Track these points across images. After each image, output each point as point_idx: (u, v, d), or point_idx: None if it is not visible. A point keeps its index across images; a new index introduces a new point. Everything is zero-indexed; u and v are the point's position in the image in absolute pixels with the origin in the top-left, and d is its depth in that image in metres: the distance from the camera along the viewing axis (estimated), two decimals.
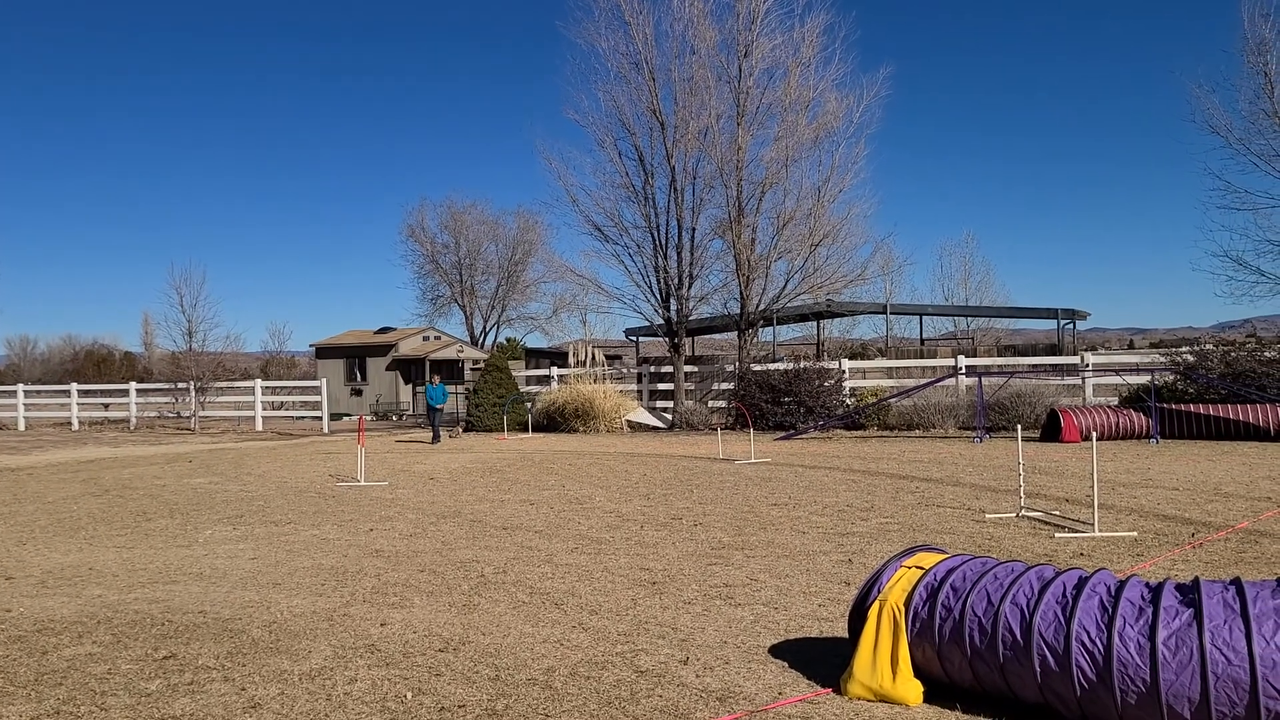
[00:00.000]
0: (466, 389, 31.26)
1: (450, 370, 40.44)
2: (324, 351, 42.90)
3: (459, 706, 4.31)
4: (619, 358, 40.83)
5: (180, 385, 31.41)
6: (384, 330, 43.72)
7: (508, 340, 54.71)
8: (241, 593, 6.72)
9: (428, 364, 40.09)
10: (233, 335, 49.09)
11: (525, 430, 25.49)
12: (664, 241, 25.67)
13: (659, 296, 26.17)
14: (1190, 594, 3.86)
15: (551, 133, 52.32)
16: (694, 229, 25.47)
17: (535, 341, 53.33)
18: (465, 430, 26.55)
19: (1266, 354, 19.54)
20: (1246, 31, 20.37)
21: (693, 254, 25.58)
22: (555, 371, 29.72)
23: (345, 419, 35.55)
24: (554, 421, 25.68)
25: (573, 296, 36.77)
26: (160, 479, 14.92)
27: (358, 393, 41.04)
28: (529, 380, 31.05)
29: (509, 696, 4.43)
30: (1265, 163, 20.49)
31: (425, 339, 42.34)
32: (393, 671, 4.83)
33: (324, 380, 31.87)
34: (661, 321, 26.50)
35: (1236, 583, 3.88)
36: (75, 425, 32.80)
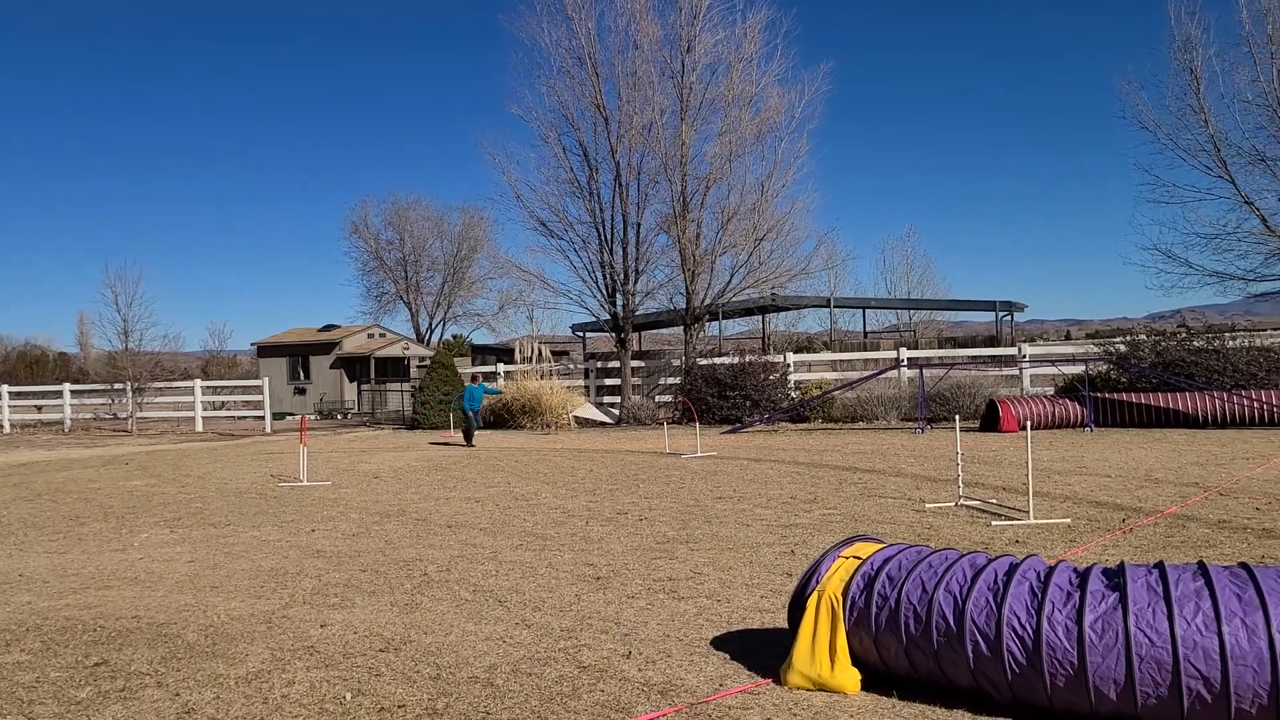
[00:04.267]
0: (411, 387, 30.98)
1: (396, 368, 40.06)
2: (266, 350, 42.26)
3: (399, 707, 4.28)
4: (566, 354, 40.75)
5: (117, 386, 30.74)
6: (328, 328, 43.18)
7: (454, 337, 54.34)
8: (177, 596, 6.61)
9: (372, 362, 39.67)
10: (171, 335, 48.19)
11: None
12: (609, 237, 25.69)
13: (605, 292, 26.18)
14: (1116, 578, 3.96)
15: (496, 128, 52.06)
16: (639, 224, 25.53)
17: (482, 338, 53.06)
18: (410, 428, 26.31)
19: (1195, 344, 20.09)
20: (1174, 29, 20.90)
21: (638, 249, 25.63)
22: (502, 368, 29.58)
23: (288, 418, 35.04)
24: (500, 418, 25.57)
25: (519, 292, 36.61)
26: (95, 482, 14.60)
27: (301, 391, 40.49)
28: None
29: (450, 695, 4.41)
30: (1192, 157, 21.05)
31: (370, 336, 41.89)
32: (332, 673, 4.78)
33: (266, 379, 31.39)
34: (608, 317, 26.50)
35: (1160, 566, 3.99)
36: (6, 428, 31.94)
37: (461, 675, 4.69)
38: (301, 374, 40.94)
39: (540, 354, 28.36)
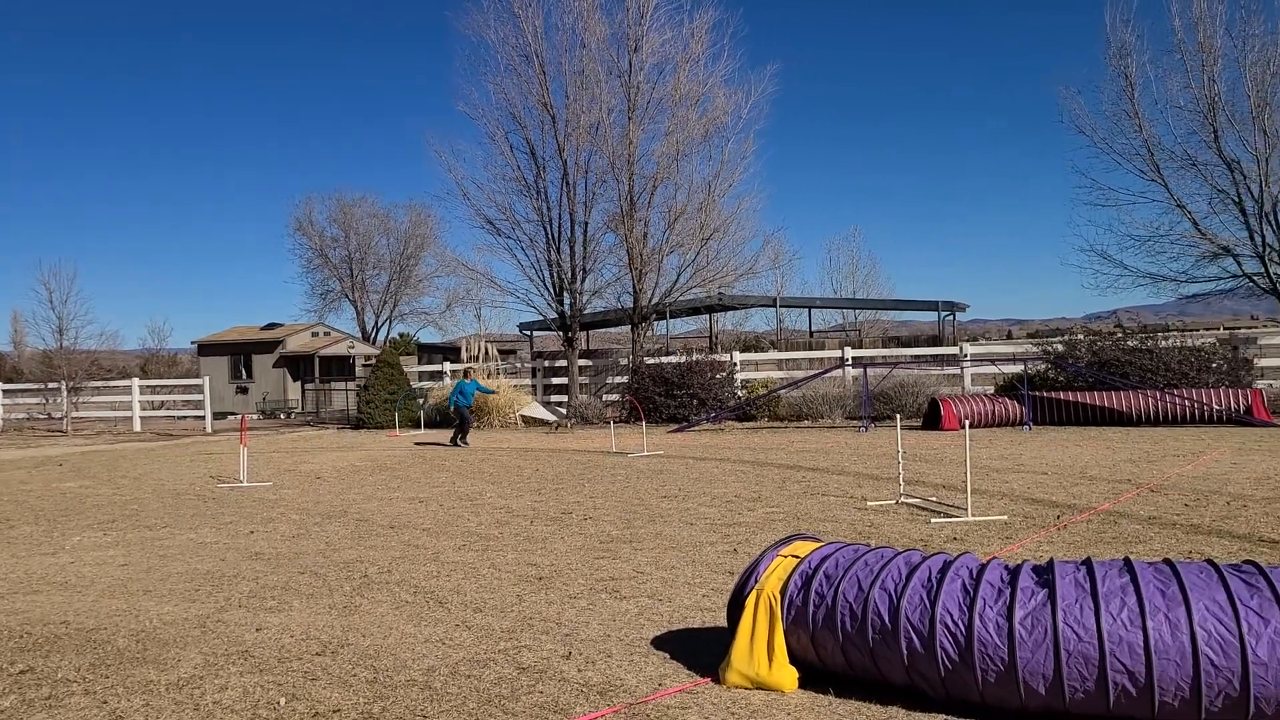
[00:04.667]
0: (356, 386, 30.64)
1: (341, 367, 39.58)
2: (207, 349, 41.52)
3: (334, 711, 4.23)
4: (513, 352, 40.56)
5: (51, 385, 29.98)
6: (271, 326, 42.53)
7: (400, 336, 53.80)
8: (109, 601, 6.47)
9: (317, 360, 39.15)
10: (109, 333, 47.13)
11: (418, 427, 25.13)
12: (557, 235, 25.61)
13: (552, 290, 26.11)
14: (1045, 575, 4.04)
15: (443, 125, 51.69)
16: (586, 223, 25.50)
17: (429, 337, 52.60)
18: (355, 428, 26.02)
19: (1129, 344, 20.56)
20: (1109, 36, 21.37)
21: (585, 248, 25.59)
22: (449, 367, 29.39)
23: (230, 418, 34.46)
24: (447, 418, 25.36)
25: (466, 291, 36.34)
26: (26, 484, 14.23)
27: (243, 391, 39.84)
28: (422, 376, 30.62)
29: (387, 699, 4.37)
30: (1126, 161, 21.54)
31: (314, 335, 41.34)
32: (266, 678, 4.71)
33: (207, 378, 30.83)
34: (555, 316, 26.43)
35: (1088, 563, 4.07)
36: None
37: (399, 678, 4.65)
38: (244, 373, 40.27)
39: (487, 353, 28.20)
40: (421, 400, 26.58)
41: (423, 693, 4.43)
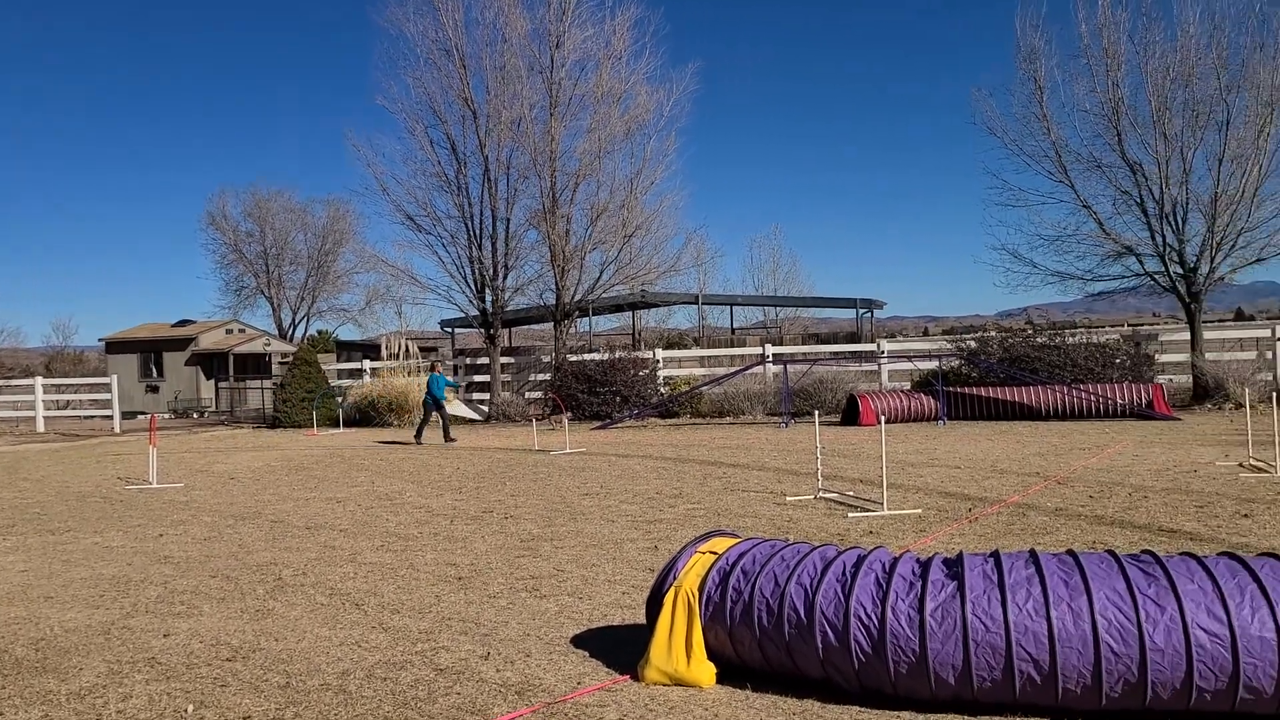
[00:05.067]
0: (273, 384, 30.00)
1: (257, 365, 38.70)
2: (116, 346, 40.23)
3: (244, 718, 4.13)
4: (435, 350, 40.12)
5: None
6: (183, 323, 41.39)
7: (318, 333, 52.87)
8: (7, 609, 6.22)
9: (231, 358, 38.23)
10: (10, 330, 45.29)
11: (336, 425, 24.70)
12: (478, 232, 25.39)
13: (474, 287, 25.87)
14: (955, 567, 4.13)
15: (363, 119, 50.86)
16: (508, 219, 25.32)
17: (348, 334, 51.74)
18: (272, 427, 25.47)
19: (1039, 340, 21.17)
20: (1020, 40, 21.93)
21: (508, 245, 25.41)
22: (368, 365, 28.92)
23: (140, 418, 33.43)
24: (366, 416, 25.02)
25: (386, 288, 35.92)
26: None
27: (154, 390, 38.70)
28: (340, 374, 30.10)
29: (299, 704, 4.28)
30: (1036, 162, 22.12)
31: (229, 332, 40.36)
32: (173, 685, 4.58)
33: (115, 377, 29.83)
34: (477, 313, 26.20)
35: (995, 555, 4.18)
36: None
37: (312, 683, 4.56)
38: (154, 371, 39.12)
39: (408, 350, 27.84)
40: (340, 398, 26.13)
41: (337, 696, 4.36)
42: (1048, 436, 15.29)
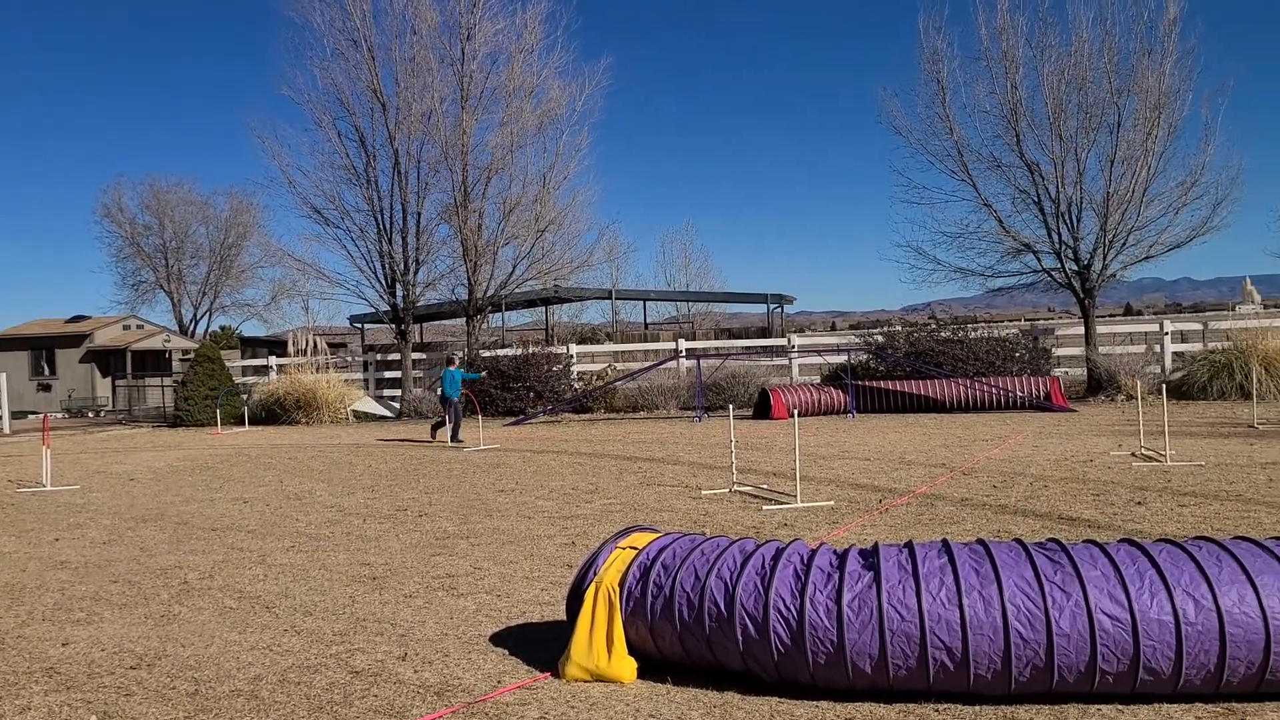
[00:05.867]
0: (174, 382, 29.07)
1: (156, 362, 37.43)
2: (4, 343, 38.43)
3: None
4: (344, 345, 39.36)
5: None
6: (77, 319, 39.76)
7: (221, 329, 51.37)
8: None
9: (129, 355, 36.90)
10: None
11: (242, 424, 24.05)
12: (388, 226, 24.99)
13: (384, 282, 25.45)
14: (871, 558, 4.22)
15: (267, 110, 49.62)
16: (419, 213, 24.96)
17: (253, 330, 50.38)
18: (173, 426, 24.69)
19: (943, 334, 21.76)
20: (923, 42, 22.46)
21: (419, 239, 25.06)
22: (274, 361, 28.21)
23: (31, 417, 32.04)
24: (273, 413, 24.42)
25: (293, 282, 35.07)
26: None
27: (46, 388, 37.12)
28: (245, 371, 29.32)
29: (209, 711, 4.16)
30: (939, 162, 22.70)
31: (126, 328, 38.93)
32: (74, 695, 4.40)
33: (3, 375, 28.52)
34: (387, 308, 25.79)
35: (909, 545, 4.28)
36: None
37: (222, 689, 4.43)
38: (46, 369, 37.51)
39: (316, 346, 27.26)
40: (245, 396, 25.45)
41: (249, 703, 4.24)
42: (952, 428, 15.71)
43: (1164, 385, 16.80)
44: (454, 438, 17.01)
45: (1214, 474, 9.56)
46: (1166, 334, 22.02)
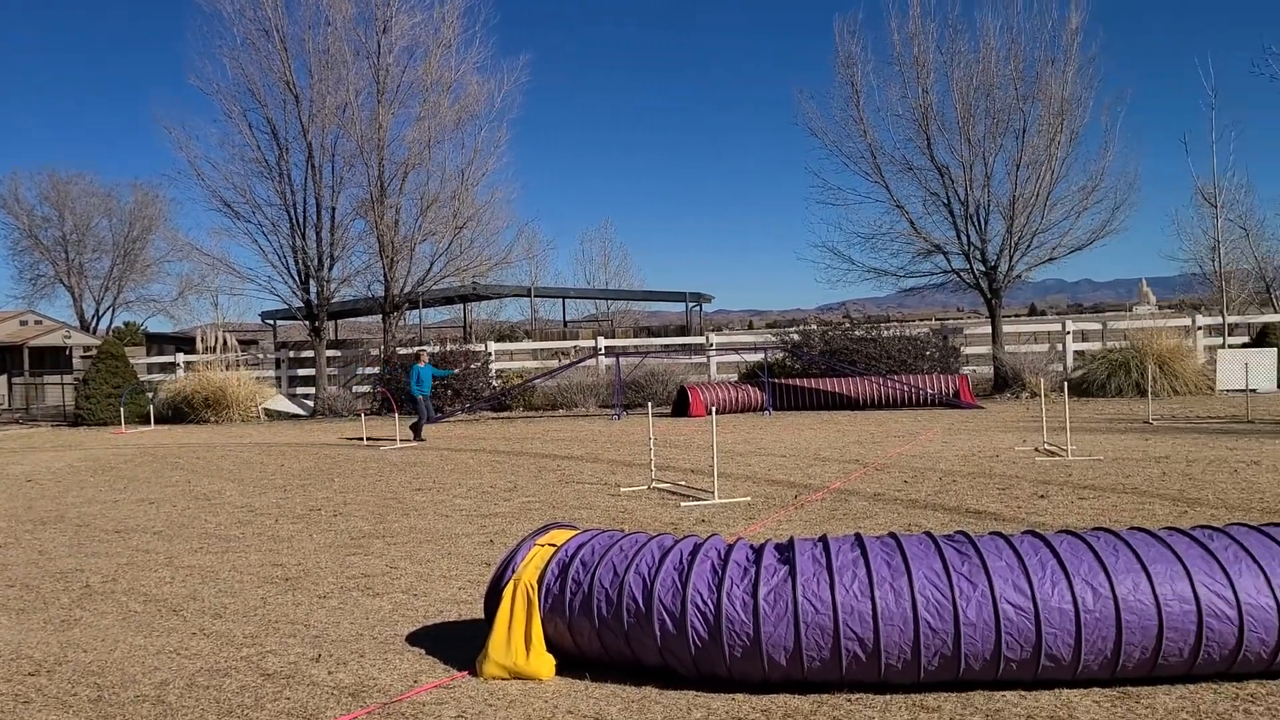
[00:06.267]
0: (75, 379, 28.06)
1: (56, 359, 36.08)
2: None
3: None
4: (255, 342, 38.47)
5: None
6: None
7: (126, 325, 49.74)
8: None
9: (26, 352, 35.51)
10: None
11: (147, 423, 23.32)
12: (302, 220, 24.47)
13: (297, 278, 24.92)
14: (787, 552, 4.29)
15: (175, 99, 48.22)
16: (334, 208, 24.50)
17: (159, 326, 48.79)
18: (74, 425, 23.83)
19: (856, 333, 22.19)
20: (838, 45, 22.85)
21: (333, 234, 24.61)
22: (182, 358, 27.41)
23: None
24: (181, 412, 23.73)
25: (201, 277, 34.05)
26: None
27: None
28: (151, 368, 28.43)
29: (113, 718, 4.04)
30: (854, 163, 23.14)
31: (23, 324, 37.45)
32: None
33: None
34: (301, 304, 25.26)
35: (823, 540, 4.37)
36: None
37: (127, 695, 4.31)
38: None
39: (226, 343, 26.57)
40: (151, 394, 24.69)
41: (155, 708, 4.14)
42: (865, 425, 16.03)
43: (1065, 383, 17.39)
44: (416, 434, 16.63)
45: (1112, 468, 9.94)
46: (1068, 334, 22.80)
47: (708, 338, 25.56)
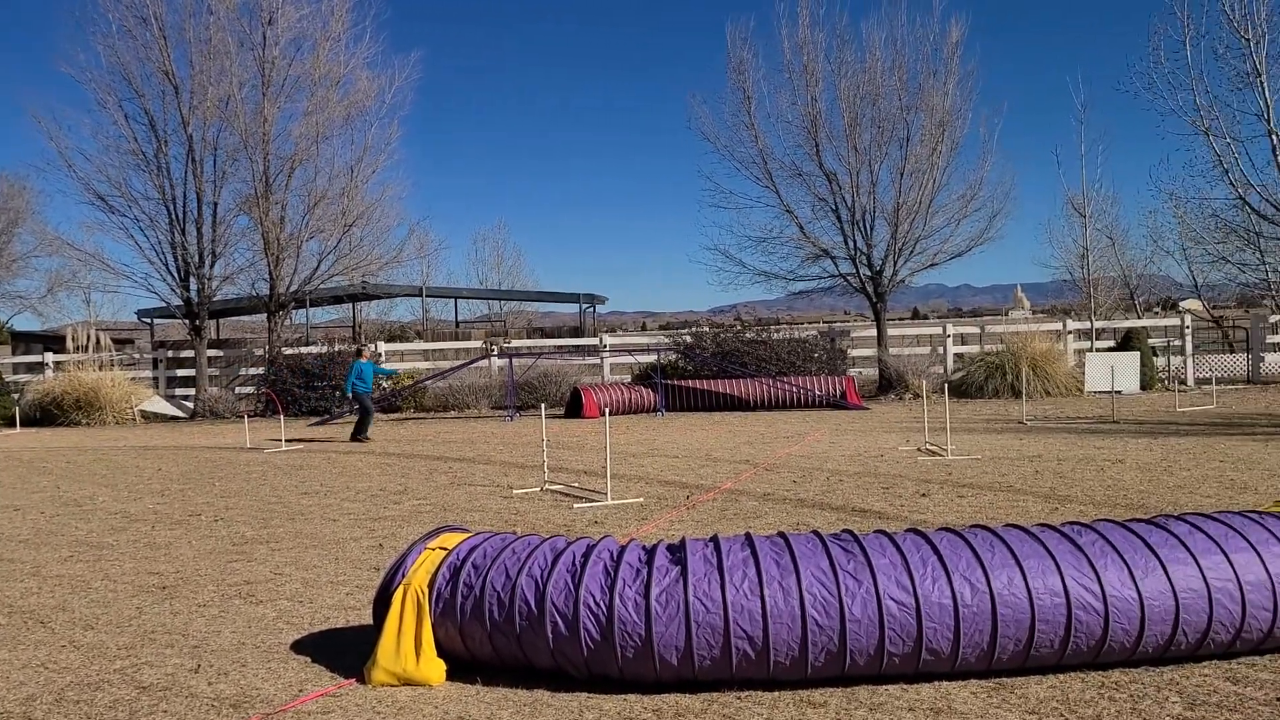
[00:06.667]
0: None
1: None
2: None
3: None
4: (131, 341, 36.90)
5: None
6: None
7: None
8: None
9: None
10: None
11: (12, 425, 22.15)
12: (181, 216, 23.61)
13: (176, 275, 24.03)
14: (679, 553, 4.34)
15: (45, 87, 45.96)
16: (216, 203, 23.70)
17: (27, 324, 46.31)
18: None
19: (747, 335, 22.58)
20: (730, 51, 23.21)
21: (215, 230, 23.81)
22: (51, 358, 26.13)
23: None
24: (49, 414, 22.62)
25: (73, 273, 32.58)
26: None
27: None
28: (17, 368, 27.03)
29: None
30: (745, 168, 23.55)
31: None
32: None
33: None
34: (180, 302, 24.37)
35: (714, 539, 4.43)
36: None
37: None
38: None
39: (99, 342, 25.45)
40: (16, 395, 23.47)
41: None
42: (755, 426, 16.30)
43: (946, 385, 18.01)
44: (357, 434, 16.07)
45: (989, 467, 10.34)
46: (949, 337, 23.62)
47: (601, 339, 25.61)
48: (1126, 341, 21.74)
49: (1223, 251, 23.33)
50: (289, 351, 23.61)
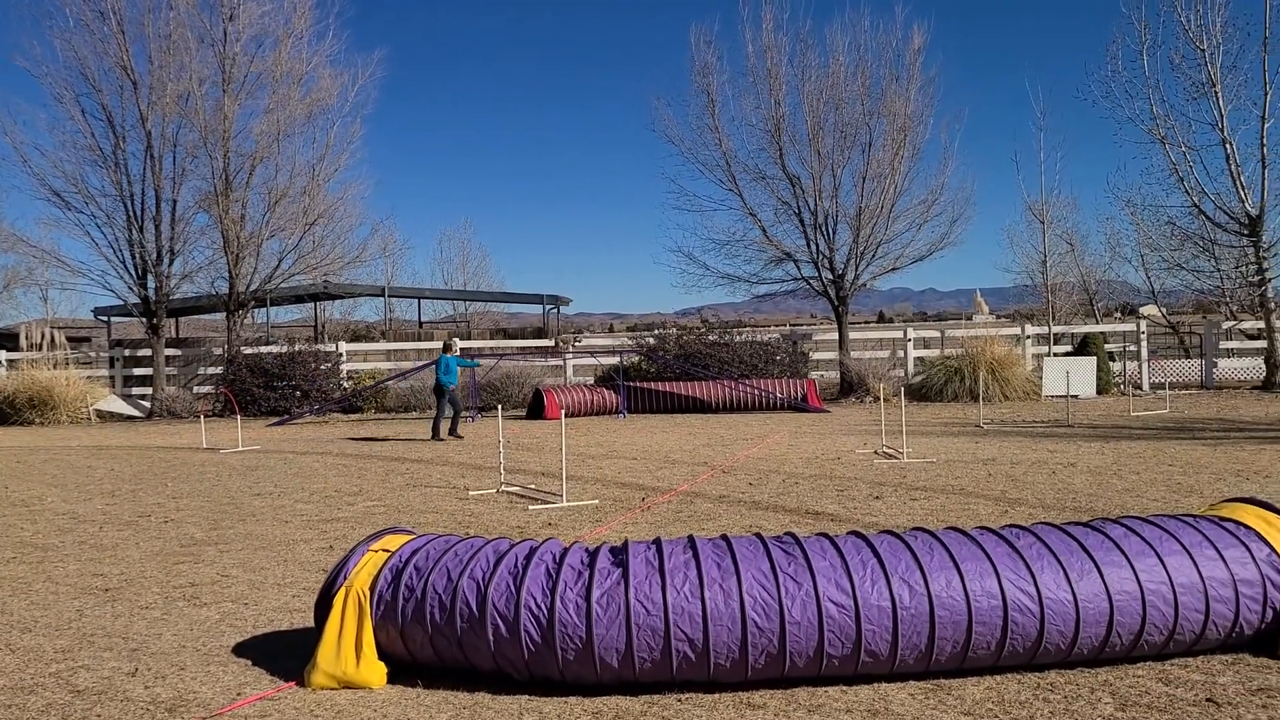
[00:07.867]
0: None
1: None
2: None
3: None
4: (88, 340, 36.33)
5: None
6: None
7: None
8: None
9: None
10: None
11: None
12: (140, 213, 23.32)
13: (134, 273, 23.72)
14: (621, 555, 4.34)
15: None
16: (175, 201, 23.44)
17: None
18: None
19: (710, 337, 22.64)
20: (694, 54, 23.29)
21: (174, 228, 23.54)
22: (4, 356, 25.68)
23: None
24: (2, 413, 22.22)
25: (29, 270, 32.01)
26: None
27: None
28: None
29: None
30: (709, 171, 23.64)
31: None
32: None
33: None
34: (138, 301, 24.06)
35: (657, 542, 4.44)
36: None
37: None
38: None
39: (53, 340, 25.04)
40: None
41: None
42: (716, 428, 16.34)
43: (905, 388, 18.16)
44: (450, 432, 15.84)
45: (943, 470, 10.43)
46: (909, 341, 23.81)
47: (558, 340, 25.56)
48: (1083, 346, 22.02)
49: (1178, 259, 23.70)
50: (248, 351, 23.37)
